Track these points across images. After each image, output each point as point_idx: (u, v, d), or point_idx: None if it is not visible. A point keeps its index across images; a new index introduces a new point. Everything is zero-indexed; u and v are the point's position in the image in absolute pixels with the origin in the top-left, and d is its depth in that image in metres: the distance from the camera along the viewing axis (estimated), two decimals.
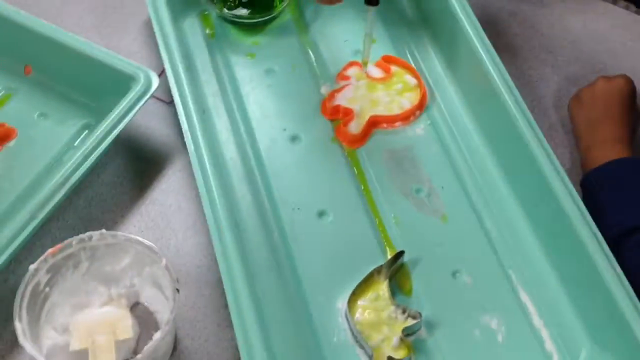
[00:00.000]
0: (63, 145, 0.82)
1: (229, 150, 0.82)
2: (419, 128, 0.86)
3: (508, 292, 0.74)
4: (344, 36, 0.93)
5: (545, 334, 0.72)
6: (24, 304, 0.64)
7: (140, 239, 0.68)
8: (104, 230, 0.68)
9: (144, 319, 0.71)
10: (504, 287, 0.74)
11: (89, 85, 0.83)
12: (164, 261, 0.67)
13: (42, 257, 0.66)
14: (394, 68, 0.90)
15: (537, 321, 0.72)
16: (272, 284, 0.73)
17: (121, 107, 0.77)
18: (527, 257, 0.76)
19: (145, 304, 0.72)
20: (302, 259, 0.75)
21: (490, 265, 0.76)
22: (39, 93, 0.86)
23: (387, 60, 0.90)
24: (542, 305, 0.73)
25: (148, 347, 0.62)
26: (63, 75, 0.85)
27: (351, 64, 0.90)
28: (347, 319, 0.71)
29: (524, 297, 0.74)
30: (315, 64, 0.91)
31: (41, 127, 0.84)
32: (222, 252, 0.69)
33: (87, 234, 0.68)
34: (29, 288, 0.65)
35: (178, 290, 0.65)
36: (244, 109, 0.86)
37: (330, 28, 0.94)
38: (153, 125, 0.87)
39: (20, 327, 0.63)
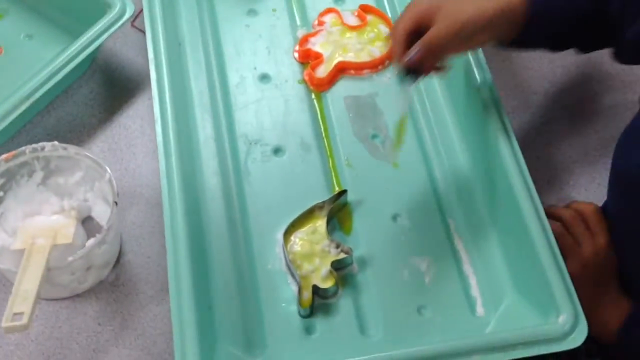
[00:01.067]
0: (42, 66, 0.85)
1: (198, 84, 0.85)
2: (386, 77, 0.88)
3: (444, 239, 0.76)
4: None
5: (472, 280, 0.73)
6: None
7: (88, 153, 0.72)
8: (56, 142, 0.72)
9: (93, 232, 0.74)
10: (441, 233, 0.76)
11: (73, 9, 0.87)
12: (107, 174, 0.70)
13: None
14: (369, 17, 0.91)
15: (467, 268, 0.74)
16: (217, 212, 0.76)
17: (93, 31, 0.81)
18: (469, 210, 0.78)
19: (97, 219, 0.76)
20: (251, 190, 0.78)
21: (432, 213, 0.78)
22: (28, 15, 0.91)
23: (364, 9, 0.92)
24: (475, 255, 0.75)
25: (80, 252, 0.66)
26: None
27: (329, 10, 0.92)
28: (282, 248, 0.74)
29: (459, 245, 0.75)
30: (295, 8, 0.93)
31: (25, 47, 0.88)
32: (166, 175, 0.72)
33: (40, 144, 0.71)
34: None
35: (116, 202, 0.69)
36: (220, 46, 0.89)
37: None
38: (131, 55, 0.90)
39: None
